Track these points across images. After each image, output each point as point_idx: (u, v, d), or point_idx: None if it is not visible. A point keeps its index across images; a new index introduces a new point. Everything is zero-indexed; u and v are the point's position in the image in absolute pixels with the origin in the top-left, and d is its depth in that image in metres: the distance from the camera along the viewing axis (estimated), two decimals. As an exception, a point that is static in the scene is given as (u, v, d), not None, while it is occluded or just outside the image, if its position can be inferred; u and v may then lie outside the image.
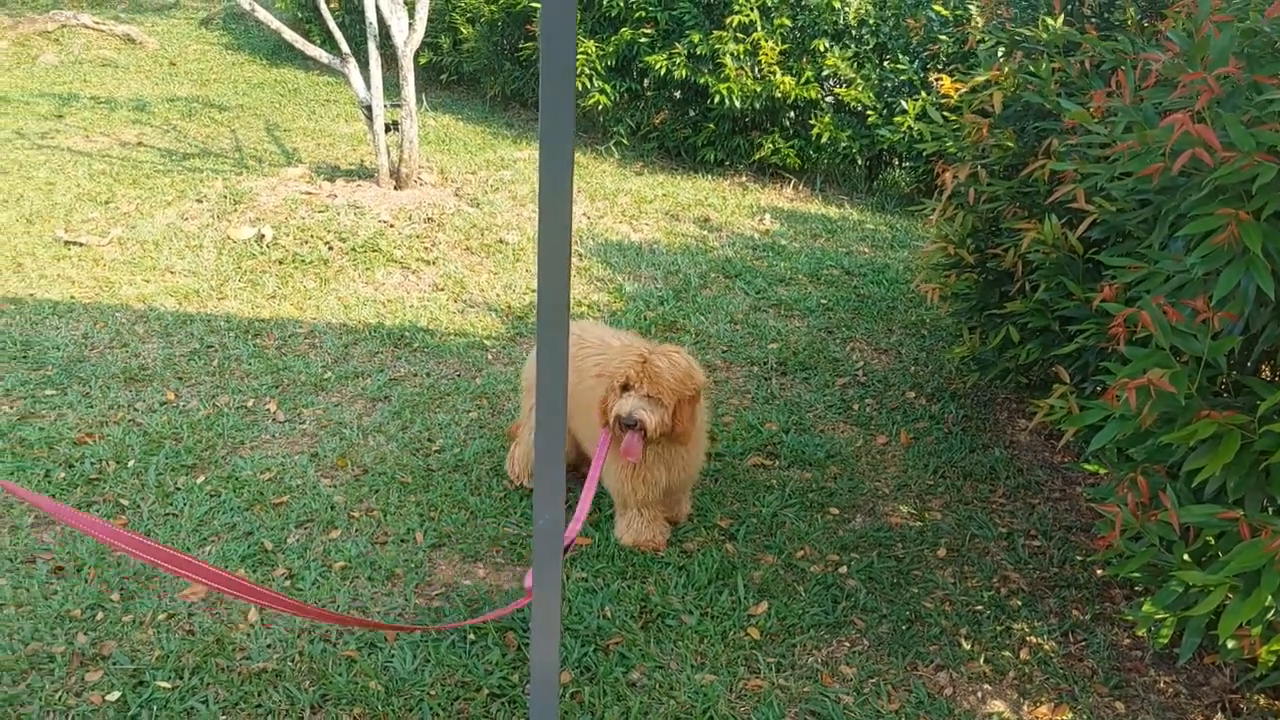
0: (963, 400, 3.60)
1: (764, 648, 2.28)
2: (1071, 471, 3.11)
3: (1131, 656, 2.31)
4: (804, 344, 4.05)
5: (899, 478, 3.08)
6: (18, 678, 2.06)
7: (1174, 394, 1.82)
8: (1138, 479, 1.99)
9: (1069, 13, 3.11)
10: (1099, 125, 2.26)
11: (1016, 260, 2.88)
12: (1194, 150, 1.74)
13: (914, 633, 2.35)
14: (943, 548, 2.71)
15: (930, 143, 3.55)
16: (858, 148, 6.29)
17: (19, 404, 3.21)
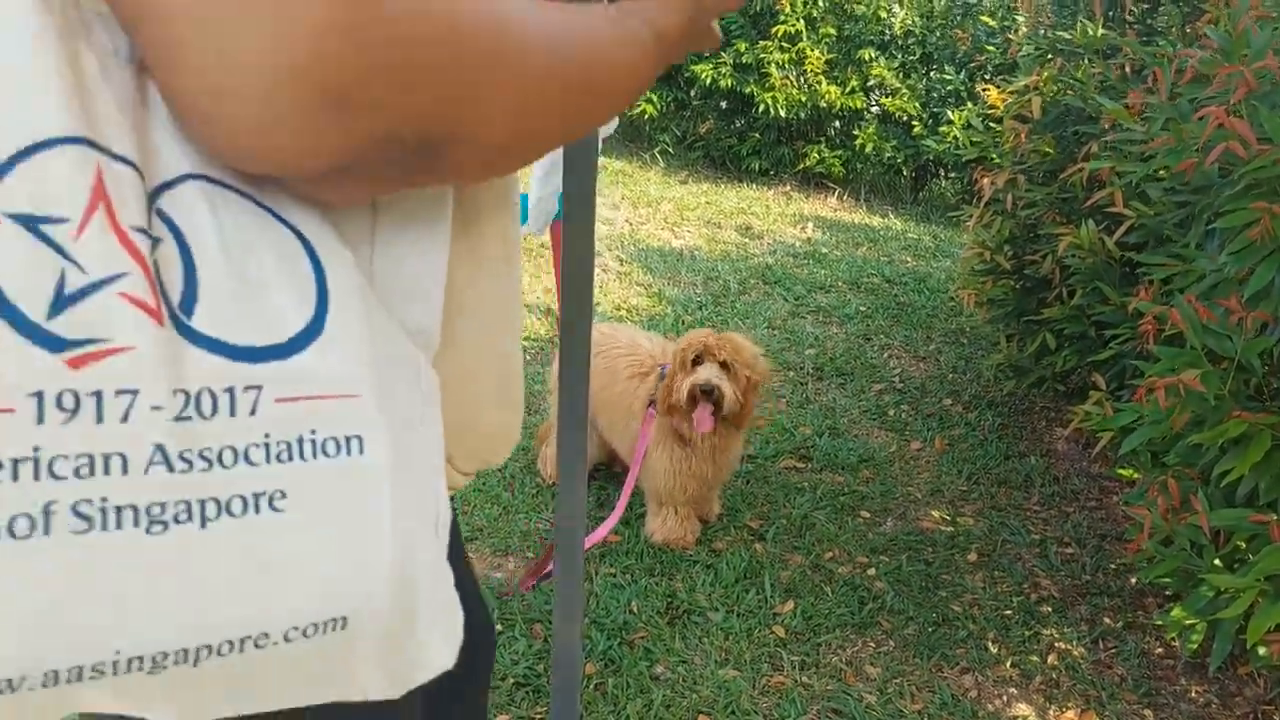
0: (1000, 408, 3.57)
1: (789, 646, 2.27)
2: (1108, 480, 3.07)
3: (1163, 665, 2.28)
4: (841, 350, 4.05)
5: (932, 483, 3.06)
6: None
7: (1204, 394, 1.80)
8: (1168, 482, 1.96)
9: (1110, 18, 3.09)
10: (1136, 123, 2.25)
11: (1054, 266, 2.86)
12: (1228, 144, 1.73)
13: (940, 635, 2.34)
14: (973, 553, 2.68)
15: (970, 149, 3.54)
16: (903, 158, 6.28)
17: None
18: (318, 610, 0.47)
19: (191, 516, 0.43)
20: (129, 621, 0.42)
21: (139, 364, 0.42)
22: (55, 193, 0.41)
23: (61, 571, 0.40)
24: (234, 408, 0.45)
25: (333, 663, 0.50)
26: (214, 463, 0.44)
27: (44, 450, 0.40)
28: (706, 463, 2.55)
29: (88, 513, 0.41)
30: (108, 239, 0.42)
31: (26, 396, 0.40)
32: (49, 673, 0.41)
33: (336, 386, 0.48)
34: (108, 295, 0.42)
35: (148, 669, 0.43)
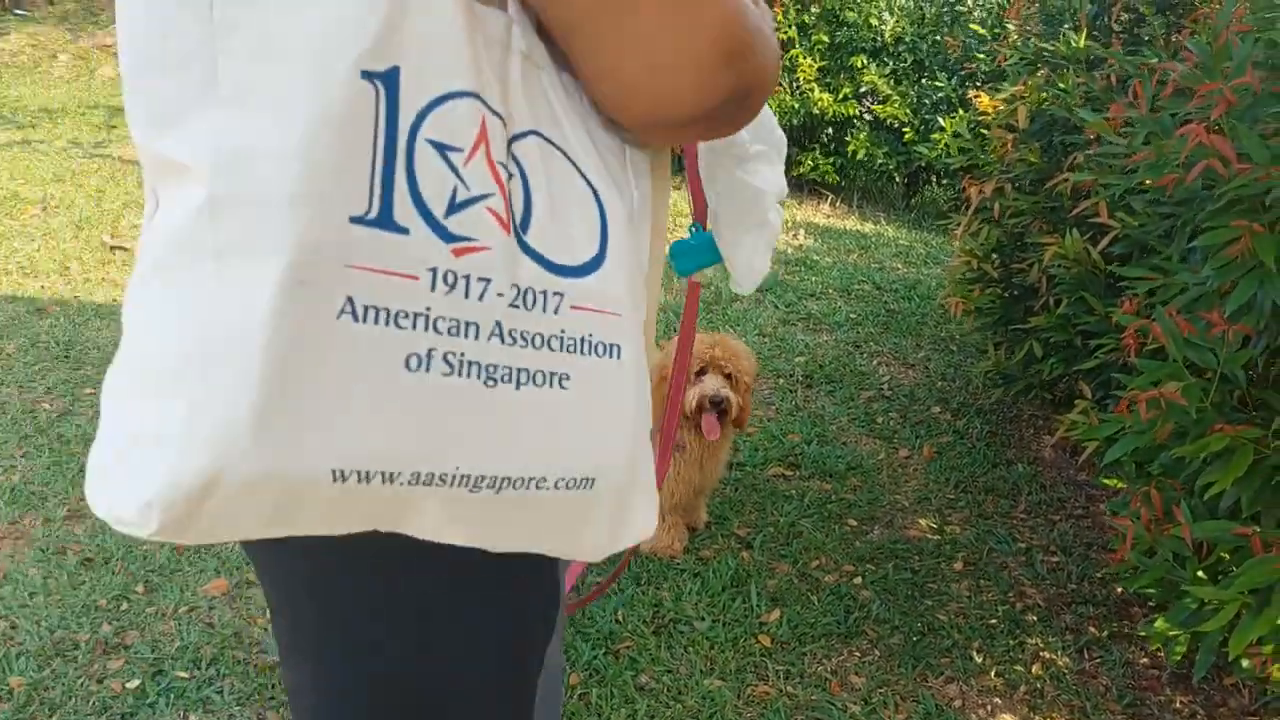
0: (988, 416, 3.58)
1: (774, 655, 2.28)
2: (1095, 489, 3.08)
3: (1148, 675, 2.29)
4: (831, 357, 4.05)
5: (919, 491, 3.07)
6: (43, 663, 2.12)
7: (1186, 407, 1.81)
8: (1151, 493, 1.97)
9: (1097, 28, 3.10)
10: (1118, 136, 2.26)
11: (1040, 275, 2.87)
12: (1209, 162, 1.73)
13: (926, 644, 2.34)
14: (960, 561, 2.69)
15: (958, 158, 3.55)
16: (894, 164, 6.29)
17: (59, 402, 3.30)
18: (578, 467, 0.63)
19: (510, 379, 0.59)
20: (466, 445, 0.58)
21: (493, 261, 0.59)
22: (457, 130, 0.57)
23: (432, 400, 0.56)
24: (545, 306, 0.61)
25: (578, 515, 0.66)
26: (529, 343, 0.60)
27: (432, 311, 0.56)
28: (695, 469, 2.55)
29: (452, 361, 0.57)
30: (483, 168, 0.59)
31: (426, 270, 0.56)
32: (414, 473, 0.56)
33: (609, 305, 0.65)
34: (480, 208, 0.58)
35: (469, 487, 0.59)
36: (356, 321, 0.53)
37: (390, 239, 0.54)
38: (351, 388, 0.53)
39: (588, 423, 0.64)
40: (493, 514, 0.61)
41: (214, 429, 0.49)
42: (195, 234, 0.51)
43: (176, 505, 0.49)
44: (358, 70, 0.53)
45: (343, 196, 0.52)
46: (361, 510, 0.56)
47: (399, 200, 0.54)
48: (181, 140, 0.52)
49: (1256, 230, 1.69)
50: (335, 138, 0.52)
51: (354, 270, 0.53)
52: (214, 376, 0.49)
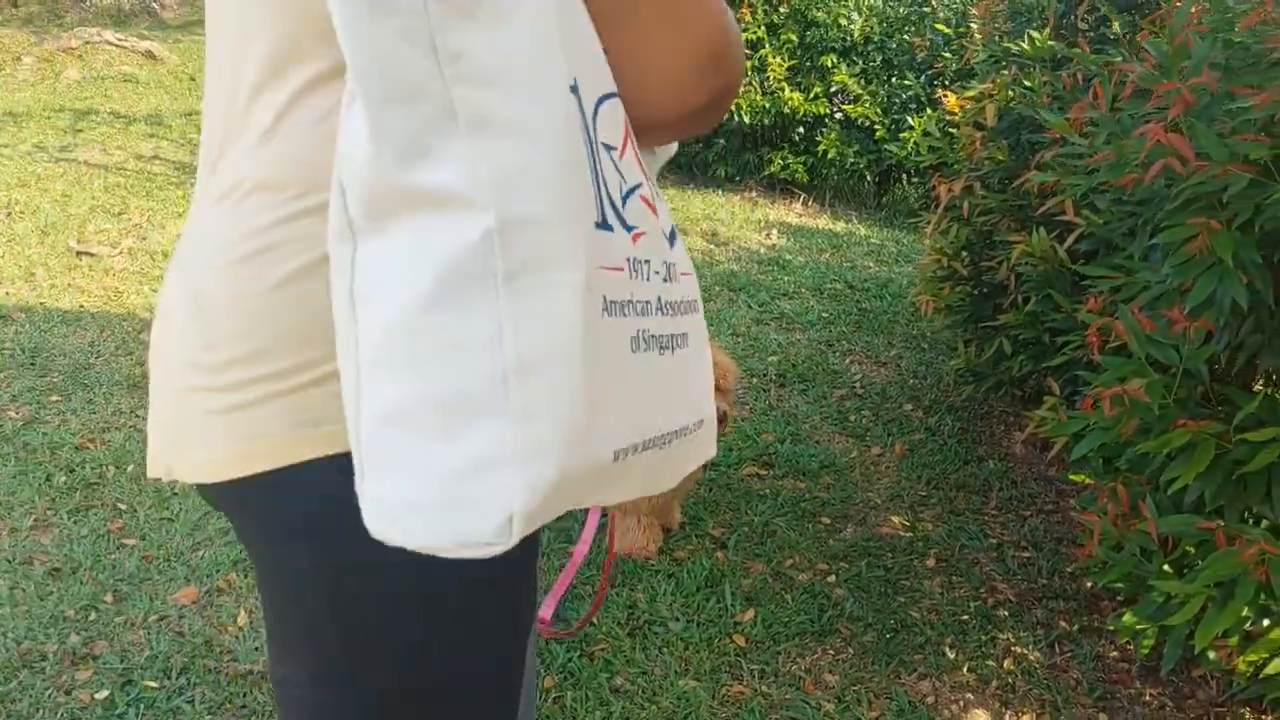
0: (959, 413, 3.61)
1: (748, 655, 2.29)
2: (1064, 484, 3.11)
3: (1117, 669, 2.31)
4: (804, 356, 4.07)
5: (892, 488, 3.09)
6: (10, 675, 2.10)
7: (1149, 404, 1.83)
8: (1118, 488, 1.99)
9: (1064, 27, 3.13)
10: (1080, 137, 2.28)
11: (1009, 273, 2.89)
12: (1167, 160, 1.76)
13: (899, 641, 2.36)
14: (932, 558, 2.71)
15: (927, 156, 3.57)
16: (865, 163, 6.32)
17: (25, 410, 3.26)
18: (697, 412, 0.74)
19: (669, 346, 0.67)
20: (662, 408, 0.67)
21: (651, 243, 0.66)
22: (613, 129, 0.63)
23: (646, 373, 0.64)
24: (672, 276, 0.69)
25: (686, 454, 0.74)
26: (674, 311, 0.69)
27: (634, 295, 0.63)
28: None
29: (646, 338, 0.64)
30: (632, 160, 0.65)
31: (626, 260, 0.62)
32: (666, 434, 0.67)
33: (687, 268, 0.74)
34: (636, 197, 0.65)
35: (664, 444, 0.67)
36: (609, 316, 0.59)
37: (607, 237, 0.60)
38: (615, 374, 0.60)
39: (698, 373, 0.73)
40: (657, 466, 0.69)
41: (559, 433, 0.55)
42: (482, 260, 0.53)
43: (536, 510, 0.54)
44: (567, 85, 0.57)
45: (587, 206, 0.57)
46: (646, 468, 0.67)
47: (604, 202, 0.60)
48: (439, 170, 0.53)
49: (1214, 227, 1.71)
50: (573, 152, 0.56)
51: (601, 271, 0.59)
52: (538, 390, 0.54)
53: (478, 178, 0.53)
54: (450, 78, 0.53)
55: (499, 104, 0.53)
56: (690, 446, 0.74)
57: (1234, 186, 1.66)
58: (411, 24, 0.52)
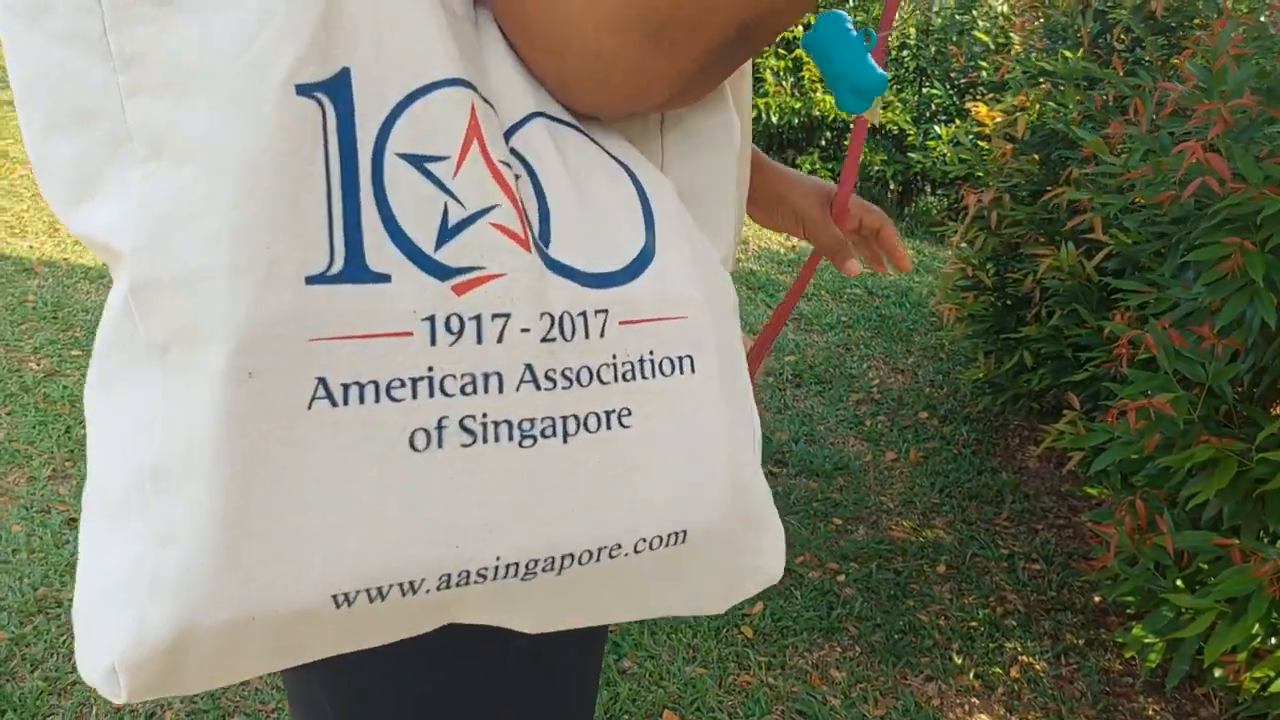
0: (975, 423, 3.61)
1: (756, 646, 2.30)
2: (1077, 500, 3.12)
3: (1122, 683, 2.32)
4: (821, 359, 4.08)
5: (905, 494, 3.10)
6: (25, 619, 2.12)
7: (1174, 418, 1.84)
8: (1136, 502, 2.00)
9: (1099, 47, 3.14)
10: (1114, 156, 2.29)
11: (1034, 286, 2.90)
12: (1204, 179, 1.77)
13: (906, 643, 2.37)
14: (943, 564, 2.72)
15: (957, 166, 3.58)
16: (891, 171, 6.33)
17: (46, 362, 3.29)
18: (663, 522, 0.51)
19: (555, 432, 0.47)
20: (507, 529, 0.46)
21: (511, 289, 0.46)
22: (438, 131, 0.45)
23: (452, 481, 0.45)
24: (587, 330, 0.49)
25: (677, 575, 0.54)
26: (574, 381, 0.48)
27: (436, 370, 0.44)
28: None
29: (472, 427, 0.45)
30: (481, 172, 0.46)
31: (421, 320, 0.44)
32: (443, 576, 0.45)
33: (669, 309, 0.51)
34: (482, 225, 0.46)
35: (521, 575, 0.47)
36: (335, 406, 0.42)
37: (367, 293, 0.43)
38: (342, 491, 0.42)
39: (664, 461, 0.50)
40: (564, 593, 0.51)
41: (175, 570, 0.40)
42: (126, 328, 0.42)
43: (144, 668, 0.41)
44: (290, 86, 0.41)
45: (292, 254, 0.41)
46: (389, 622, 0.47)
47: (371, 241, 0.43)
48: (96, 215, 0.43)
49: (1247, 248, 1.73)
50: (272, 182, 0.41)
51: (320, 343, 0.42)
52: (167, 504, 0.40)
53: (132, 221, 0.41)
54: (126, 87, 0.41)
55: (181, 118, 0.41)
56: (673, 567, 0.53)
57: (1268, 209, 1.68)
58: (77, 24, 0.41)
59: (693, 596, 0.56)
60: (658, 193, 0.53)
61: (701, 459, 0.52)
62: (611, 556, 0.50)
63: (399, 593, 0.44)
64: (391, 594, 0.44)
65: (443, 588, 0.45)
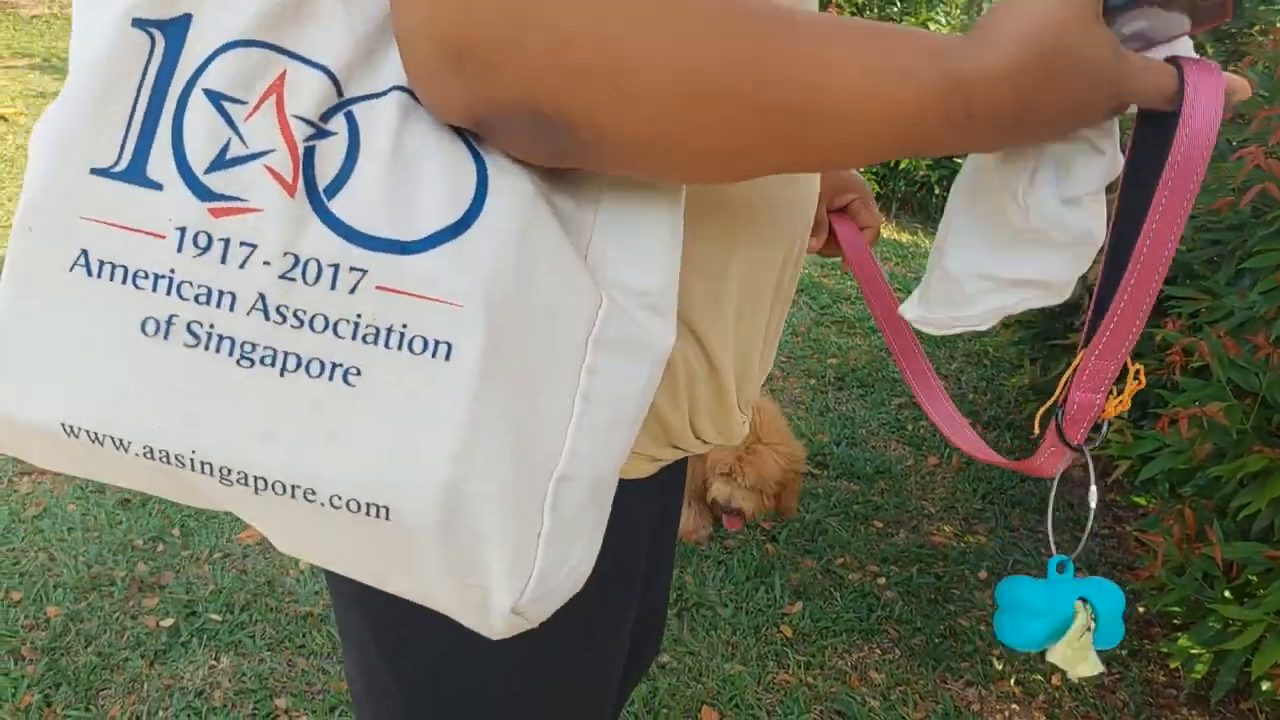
0: (1018, 431, 3.59)
1: (795, 646, 2.30)
2: (1122, 509, 3.08)
3: (1165, 694, 2.30)
4: (863, 362, 4.07)
5: (946, 499, 3.08)
6: (80, 595, 2.17)
7: (1227, 427, 1.82)
8: (1184, 511, 1.98)
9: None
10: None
11: (1083, 291, 2.87)
12: (1263, 186, 1.75)
13: (946, 647, 2.36)
14: (984, 570, 2.71)
15: (1008, 171, 3.56)
16: (936, 176, 6.29)
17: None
18: (360, 490, 0.51)
19: (274, 363, 0.51)
20: (207, 430, 0.51)
21: (262, 224, 0.51)
22: (245, 81, 0.52)
23: (168, 371, 0.51)
24: (335, 282, 0.51)
25: (394, 556, 0.54)
26: (305, 324, 0.51)
27: (177, 273, 0.51)
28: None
29: (197, 331, 0.51)
30: (270, 122, 0.52)
31: (175, 228, 0.51)
32: (146, 447, 0.52)
33: (441, 293, 0.51)
34: (256, 165, 0.51)
35: (218, 478, 0.52)
36: (90, 276, 0.51)
37: (138, 193, 0.51)
38: (81, 343, 0.51)
39: (378, 433, 0.51)
40: (274, 516, 0.54)
41: None
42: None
43: None
44: (128, 19, 0.52)
45: (87, 146, 0.51)
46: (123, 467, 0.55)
47: (157, 154, 0.51)
48: None
49: (1310, 256, 1.71)
50: (86, 88, 0.51)
51: (89, 222, 0.51)
52: None
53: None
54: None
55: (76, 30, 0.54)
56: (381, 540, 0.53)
57: (1333, 216, 1.66)
58: None
59: (426, 591, 0.56)
60: (503, 194, 0.52)
61: (420, 445, 0.51)
62: (307, 499, 0.51)
63: (112, 445, 0.52)
64: (107, 443, 0.52)
65: (147, 456, 0.52)
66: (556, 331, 0.54)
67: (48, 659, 1.99)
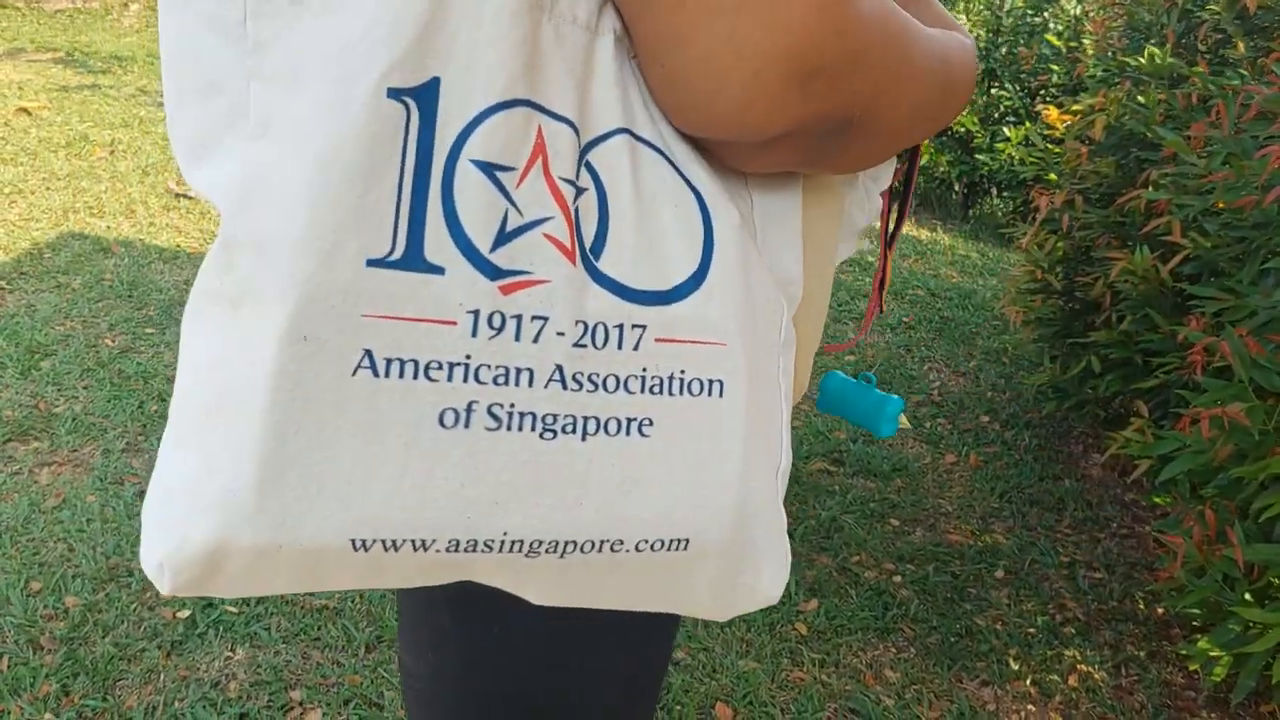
0: (1037, 430, 3.56)
1: (810, 643, 2.30)
2: (1142, 509, 3.06)
3: (1184, 696, 2.28)
4: (881, 359, 4.05)
5: (963, 498, 3.07)
6: (98, 586, 2.18)
7: (1249, 428, 1.80)
8: (1205, 512, 1.96)
9: (1182, 46, 3.07)
10: (1196, 156, 2.24)
11: (1105, 290, 2.85)
12: (1292, 183, 1.72)
13: (962, 647, 2.35)
14: (1001, 570, 2.69)
15: (1028, 168, 3.53)
16: (956, 173, 6.25)
17: (121, 339, 3.38)
18: (666, 529, 0.54)
19: (575, 430, 0.51)
20: (517, 509, 0.50)
21: (552, 295, 0.50)
22: (510, 145, 0.49)
23: (473, 459, 0.49)
24: (621, 342, 0.52)
25: (675, 578, 0.57)
26: (600, 386, 0.52)
27: (473, 359, 0.49)
28: None
29: (498, 414, 0.49)
30: (541, 186, 0.51)
31: (467, 313, 0.49)
32: (452, 540, 0.50)
33: (708, 334, 0.54)
34: (535, 234, 0.50)
35: (525, 553, 0.51)
36: (377, 377, 0.47)
37: (420, 281, 0.48)
38: (372, 450, 0.47)
39: (675, 475, 0.54)
40: (569, 575, 0.55)
41: (219, 493, 0.46)
42: (215, 278, 0.48)
43: (184, 570, 0.47)
44: (383, 89, 0.46)
45: (358, 237, 0.46)
46: (404, 570, 0.52)
47: (432, 236, 0.48)
48: (209, 175, 0.49)
49: (1337, 255, 1.68)
50: (350, 170, 0.46)
51: (371, 320, 0.47)
52: (222, 435, 0.46)
53: (229, 185, 0.47)
54: (251, 70, 0.48)
55: (288, 104, 0.47)
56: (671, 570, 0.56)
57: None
58: (221, 9, 0.48)
59: (687, 600, 0.59)
60: (723, 223, 0.56)
61: (712, 477, 0.55)
62: (614, 550, 0.53)
63: (411, 547, 0.49)
64: (404, 547, 0.49)
65: (451, 550, 0.50)
66: (770, 343, 0.59)
67: (66, 649, 2.00)
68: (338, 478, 0.47)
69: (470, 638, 0.72)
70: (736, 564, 0.58)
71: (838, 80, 0.50)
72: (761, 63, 0.48)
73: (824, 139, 0.54)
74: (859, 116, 0.53)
